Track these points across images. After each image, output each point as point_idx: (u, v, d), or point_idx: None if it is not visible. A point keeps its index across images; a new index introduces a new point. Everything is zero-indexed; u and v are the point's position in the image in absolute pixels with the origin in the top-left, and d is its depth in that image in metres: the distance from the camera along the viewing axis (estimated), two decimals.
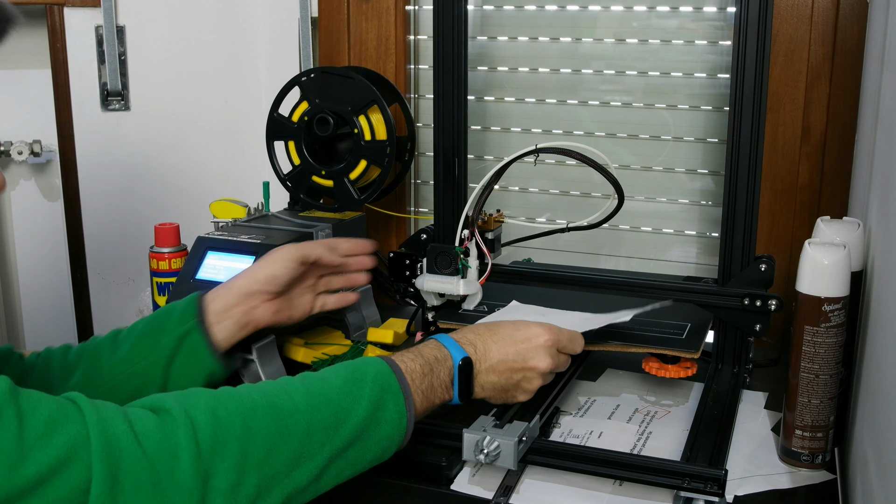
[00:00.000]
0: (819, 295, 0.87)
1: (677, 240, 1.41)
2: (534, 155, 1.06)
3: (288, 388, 0.73)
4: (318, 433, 0.71)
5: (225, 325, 0.97)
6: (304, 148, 1.30)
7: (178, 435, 0.64)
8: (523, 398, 0.92)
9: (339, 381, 0.75)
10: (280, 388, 0.73)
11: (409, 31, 1.49)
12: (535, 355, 0.90)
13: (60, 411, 0.62)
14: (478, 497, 0.86)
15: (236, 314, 0.98)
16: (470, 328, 0.92)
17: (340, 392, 0.74)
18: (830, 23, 1.22)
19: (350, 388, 0.75)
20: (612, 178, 1.06)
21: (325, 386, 0.75)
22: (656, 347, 1.03)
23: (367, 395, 0.75)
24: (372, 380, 0.77)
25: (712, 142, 1.36)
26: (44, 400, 0.62)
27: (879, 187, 0.90)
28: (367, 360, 0.80)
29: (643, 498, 0.85)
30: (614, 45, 1.38)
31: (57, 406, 0.62)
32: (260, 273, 1.01)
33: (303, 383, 0.75)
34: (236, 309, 0.98)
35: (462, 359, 0.86)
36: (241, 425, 0.67)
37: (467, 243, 1.10)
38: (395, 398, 0.77)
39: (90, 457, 0.60)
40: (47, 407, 0.61)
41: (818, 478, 0.90)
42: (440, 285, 1.12)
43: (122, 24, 1.49)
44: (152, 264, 1.26)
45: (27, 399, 0.61)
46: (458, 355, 0.86)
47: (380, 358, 0.81)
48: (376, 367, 0.79)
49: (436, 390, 0.83)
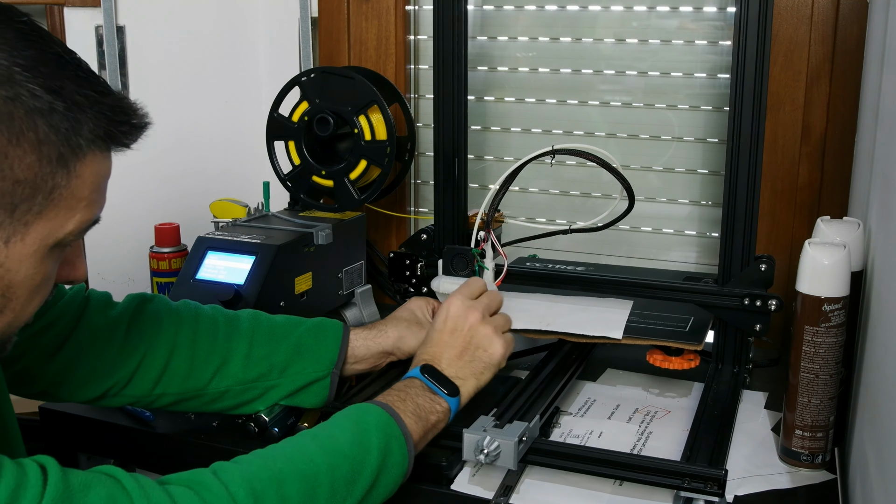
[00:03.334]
0: (819, 295, 0.87)
1: (677, 240, 1.41)
2: (550, 156, 1.06)
3: (307, 451, 0.76)
4: (340, 490, 0.74)
5: (355, 367, 1.01)
6: (304, 148, 1.30)
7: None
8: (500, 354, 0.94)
9: (349, 436, 0.78)
10: (299, 452, 0.75)
11: (409, 31, 1.49)
12: (461, 321, 0.94)
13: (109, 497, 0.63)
14: (478, 497, 0.86)
15: (369, 363, 1.02)
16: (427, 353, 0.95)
17: (352, 446, 0.77)
18: (830, 23, 1.22)
19: (360, 440, 0.78)
20: (625, 182, 1.05)
21: (337, 442, 0.77)
22: (660, 340, 1.04)
23: (375, 445, 0.78)
24: (375, 428, 0.80)
25: (712, 142, 1.36)
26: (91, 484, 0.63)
27: (879, 187, 0.90)
28: (364, 408, 0.83)
29: (643, 498, 0.85)
30: (614, 45, 1.38)
31: (106, 492, 0.63)
32: (406, 343, 1.02)
33: (315, 442, 0.77)
34: (371, 361, 1.02)
35: (419, 367, 0.90)
36: (276, 495, 0.70)
37: (483, 245, 1.10)
38: (398, 441, 0.81)
39: None
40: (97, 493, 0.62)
41: (818, 478, 0.90)
42: (456, 287, 1.12)
43: (122, 24, 1.49)
44: (152, 264, 1.26)
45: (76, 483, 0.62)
46: (416, 370, 0.90)
47: (373, 405, 0.83)
48: (376, 415, 0.81)
49: (424, 407, 0.86)
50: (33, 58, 0.60)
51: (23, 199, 0.61)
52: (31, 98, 0.59)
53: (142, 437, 1.02)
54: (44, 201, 0.62)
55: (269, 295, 1.09)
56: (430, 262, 1.19)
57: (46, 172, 0.61)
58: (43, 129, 0.60)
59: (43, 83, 0.60)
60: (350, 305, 1.30)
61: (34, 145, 0.60)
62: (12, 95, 0.59)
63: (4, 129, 0.58)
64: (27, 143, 0.60)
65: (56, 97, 0.61)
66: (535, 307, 1.13)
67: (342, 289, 1.26)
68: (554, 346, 1.13)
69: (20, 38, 0.61)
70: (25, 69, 0.60)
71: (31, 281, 0.64)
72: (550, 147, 1.06)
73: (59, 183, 0.62)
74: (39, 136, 0.60)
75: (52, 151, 0.61)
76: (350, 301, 1.29)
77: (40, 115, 0.60)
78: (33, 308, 0.67)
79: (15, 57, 0.59)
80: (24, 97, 0.59)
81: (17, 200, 0.60)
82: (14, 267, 0.63)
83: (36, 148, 0.60)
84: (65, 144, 0.62)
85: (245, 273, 1.09)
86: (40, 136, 0.60)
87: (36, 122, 0.60)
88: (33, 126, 0.60)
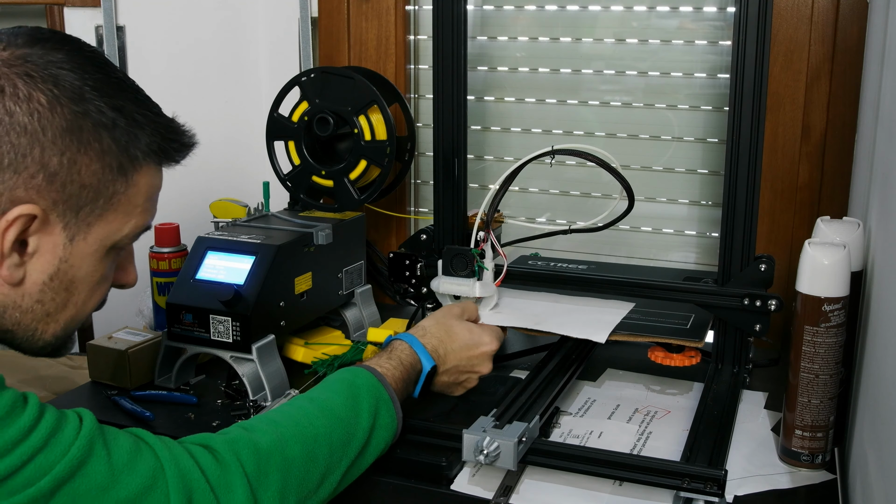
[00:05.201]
0: (819, 295, 0.87)
1: (677, 240, 1.41)
2: (550, 156, 1.06)
3: (308, 414, 0.81)
4: (337, 451, 0.80)
5: None
6: (304, 148, 1.30)
7: (231, 471, 0.73)
8: (459, 393, 1.05)
9: (342, 399, 0.84)
10: (301, 415, 0.81)
11: (409, 31, 1.49)
12: (481, 362, 1.04)
13: (136, 445, 0.70)
14: (478, 497, 0.86)
15: None
16: (430, 328, 1.02)
17: (345, 409, 0.83)
18: (830, 23, 1.22)
19: (352, 404, 0.84)
20: (625, 183, 1.05)
21: (333, 405, 0.83)
22: (662, 337, 1.05)
23: (365, 408, 0.85)
24: (366, 392, 0.86)
25: (712, 142, 1.36)
26: (120, 434, 0.70)
27: (879, 187, 0.90)
28: (355, 372, 0.89)
29: (643, 498, 0.85)
30: (614, 45, 1.38)
31: (133, 440, 0.70)
32: None
33: (314, 405, 0.83)
34: None
35: (431, 367, 0.98)
36: (280, 456, 0.76)
37: (483, 245, 1.10)
38: (386, 405, 0.87)
39: (167, 485, 0.68)
40: (125, 439, 0.69)
41: (818, 478, 0.90)
42: (456, 287, 1.12)
43: (122, 24, 1.49)
44: (152, 264, 1.26)
45: (109, 431, 0.69)
46: (428, 364, 0.98)
47: (364, 369, 0.89)
48: (366, 379, 0.87)
49: (408, 388, 0.95)
50: (101, 80, 0.70)
51: (87, 202, 0.70)
52: (98, 114, 0.69)
53: None
54: (105, 205, 0.72)
55: (269, 295, 1.09)
56: (430, 262, 1.19)
57: (108, 179, 0.71)
58: (107, 142, 0.70)
59: (108, 102, 0.70)
60: (350, 305, 1.30)
61: (99, 155, 0.70)
62: (82, 111, 0.69)
63: (75, 139, 0.68)
64: (93, 152, 0.69)
65: (119, 115, 0.71)
66: (533, 306, 1.13)
67: (342, 289, 1.26)
68: (554, 346, 1.13)
69: (89, 62, 0.71)
70: (94, 89, 0.69)
71: (91, 278, 0.74)
72: (550, 147, 1.06)
73: (119, 190, 0.72)
74: (104, 147, 0.70)
75: (114, 161, 0.71)
76: (350, 301, 1.29)
77: (105, 129, 0.70)
78: (92, 305, 0.77)
79: (85, 79, 0.69)
80: (93, 113, 0.69)
81: (82, 203, 0.70)
82: (77, 263, 0.72)
83: (100, 157, 0.70)
84: (125, 156, 0.72)
85: (245, 273, 1.09)
86: (104, 148, 0.70)
87: (101, 134, 0.70)
88: (98, 138, 0.70)
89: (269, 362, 1.08)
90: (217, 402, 1.08)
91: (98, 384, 1.14)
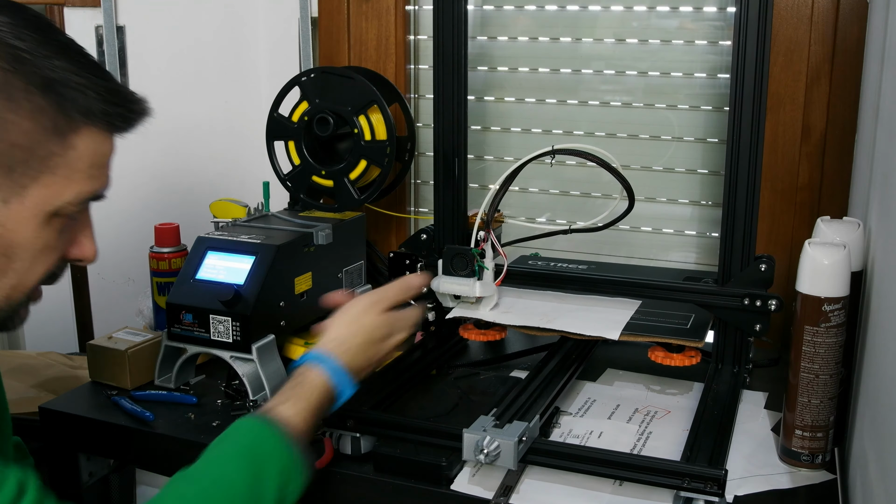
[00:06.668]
0: (819, 295, 0.87)
1: (677, 240, 1.41)
2: (550, 155, 1.06)
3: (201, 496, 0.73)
4: None
5: None
6: (304, 148, 1.30)
7: None
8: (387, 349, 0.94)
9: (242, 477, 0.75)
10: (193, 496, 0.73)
11: (409, 31, 1.49)
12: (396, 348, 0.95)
13: None
14: (478, 497, 0.86)
15: None
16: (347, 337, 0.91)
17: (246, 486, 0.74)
18: (830, 23, 1.22)
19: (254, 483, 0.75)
20: (625, 183, 1.05)
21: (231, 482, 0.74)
22: (662, 337, 1.04)
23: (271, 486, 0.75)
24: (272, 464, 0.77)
25: (712, 142, 1.36)
26: None
27: (879, 187, 0.90)
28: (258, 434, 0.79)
29: (643, 498, 0.85)
30: (614, 45, 1.38)
31: None
32: None
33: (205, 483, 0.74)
34: None
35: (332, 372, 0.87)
36: None
37: (483, 245, 1.10)
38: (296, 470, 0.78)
39: None
40: None
41: (818, 478, 0.90)
42: (456, 287, 1.12)
43: (122, 24, 1.49)
44: (152, 264, 1.26)
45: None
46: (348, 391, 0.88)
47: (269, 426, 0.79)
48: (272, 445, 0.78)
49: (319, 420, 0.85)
50: (37, 40, 0.67)
51: (19, 162, 0.67)
52: (31, 74, 0.66)
53: (142, 437, 1.02)
54: (40, 166, 0.68)
55: (269, 295, 1.09)
56: (430, 262, 1.19)
57: (42, 140, 0.68)
58: (39, 101, 0.67)
59: (44, 63, 0.67)
60: None
61: (30, 114, 0.67)
62: (13, 69, 0.66)
63: (4, 97, 0.65)
64: (24, 111, 0.66)
65: (55, 75, 0.68)
66: (540, 306, 1.13)
67: (342, 289, 1.26)
68: (554, 346, 1.13)
69: (28, 24, 0.68)
70: (29, 51, 0.67)
71: (31, 244, 0.70)
72: (550, 147, 1.06)
73: (55, 151, 0.68)
74: (35, 106, 0.67)
75: (48, 122, 0.67)
76: None
77: (39, 88, 0.67)
78: (36, 275, 0.72)
79: (22, 39, 0.67)
80: (26, 73, 0.66)
81: (13, 163, 0.67)
82: (13, 227, 0.68)
83: (32, 116, 0.67)
84: (60, 116, 0.68)
85: (245, 273, 1.09)
86: (36, 107, 0.67)
87: (33, 93, 0.66)
88: (30, 97, 0.66)
89: (269, 362, 1.08)
90: (217, 402, 1.08)
91: (98, 384, 1.14)
